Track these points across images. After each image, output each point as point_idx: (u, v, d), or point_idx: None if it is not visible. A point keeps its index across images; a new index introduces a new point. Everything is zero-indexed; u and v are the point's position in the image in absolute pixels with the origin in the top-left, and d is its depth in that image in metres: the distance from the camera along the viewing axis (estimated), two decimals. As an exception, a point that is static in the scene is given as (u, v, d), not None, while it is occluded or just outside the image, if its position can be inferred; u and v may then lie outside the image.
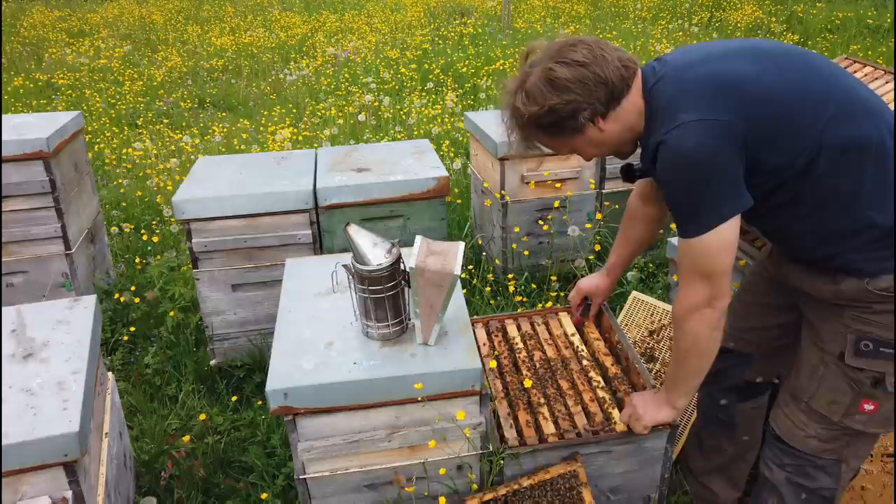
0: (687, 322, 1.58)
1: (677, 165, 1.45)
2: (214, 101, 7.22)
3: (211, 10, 12.39)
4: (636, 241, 2.05)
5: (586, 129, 1.56)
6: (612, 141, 1.60)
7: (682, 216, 1.51)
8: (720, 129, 1.41)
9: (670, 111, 1.46)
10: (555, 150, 1.69)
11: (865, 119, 1.45)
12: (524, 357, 2.13)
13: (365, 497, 1.83)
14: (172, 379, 2.84)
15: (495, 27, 9.86)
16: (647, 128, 1.56)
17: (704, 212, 1.46)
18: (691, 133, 1.42)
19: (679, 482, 2.21)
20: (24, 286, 3.04)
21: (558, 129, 1.57)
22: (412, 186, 2.76)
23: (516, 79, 1.59)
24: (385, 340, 1.79)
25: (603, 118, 1.54)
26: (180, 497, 2.23)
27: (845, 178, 1.44)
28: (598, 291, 2.19)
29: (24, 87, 7.39)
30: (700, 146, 1.41)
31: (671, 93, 1.49)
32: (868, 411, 1.56)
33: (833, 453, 1.65)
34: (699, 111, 1.42)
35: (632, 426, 1.81)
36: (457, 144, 5.34)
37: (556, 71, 1.50)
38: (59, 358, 1.80)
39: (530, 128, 1.59)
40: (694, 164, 1.42)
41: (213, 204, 2.64)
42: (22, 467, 1.54)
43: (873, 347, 1.51)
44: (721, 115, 1.41)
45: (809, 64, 1.51)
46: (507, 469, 1.82)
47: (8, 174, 2.86)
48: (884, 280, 1.47)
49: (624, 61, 1.52)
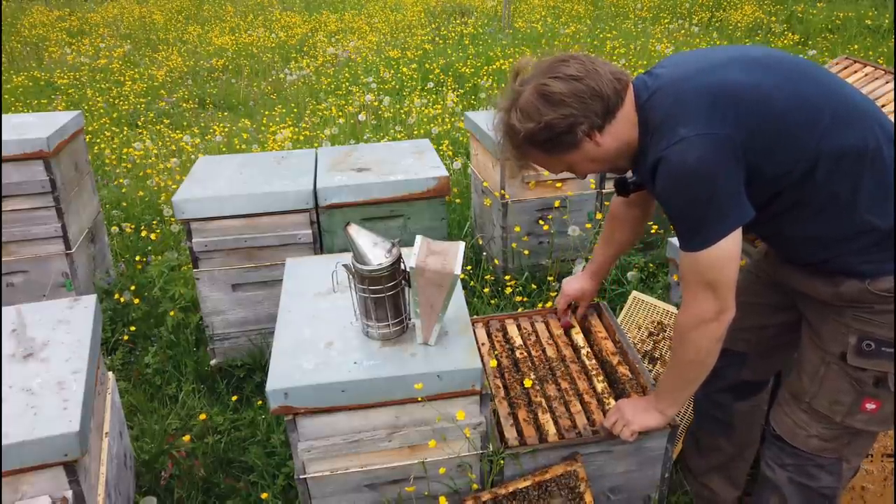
0: (691, 334, 1.58)
1: (679, 182, 1.45)
2: (215, 100, 7.22)
3: (211, 10, 12.39)
4: (620, 242, 2.06)
5: (583, 144, 1.54)
6: (608, 156, 1.59)
7: (685, 231, 1.51)
8: (720, 143, 1.41)
9: (668, 126, 1.46)
10: (550, 168, 1.66)
11: (861, 125, 1.46)
12: (524, 357, 2.13)
13: (365, 497, 1.83)
14: (172, 379, 2.84)
15: (495, 27, 9.86)
16: (641, 142, 1.56)
17: (707, 226, 1.45)
18: (692, 148, 1.41)
19: (679, 482, 2.21)
20: (25, 286, 3.04)
21: (554, 146, 1.55)
22: (412, 186, 2.76)
23: (507, 98, 1.57)
24: (385, 340, 1.79)
25: (599, 132, 1.53)
26: (180, 497, 2.23)
27: (844, 184, 1.45)
28: (584, 295, 2.20)
29: (24, 86, 7.39)
30: (701, 161, 1.41)
31: (667, 107, 1.48)
32: (870, 410, 1.56)
33: (834, 452, 1.65)
34: (698, 126, 1.42)
35: (618, 432, 1.80)
36: (457, 144, 5.34)
37: (550, 86, 1.49)
38: (59, 358, 1.80)
39: (525, 146, 1.57)
40: (696, 179, 1.42)
41: (214, 204, 2.64)
42: (22, 467, 1.54)
43: (875, 347, 1.51)
44: (720, 129, 1.41)
45: (803, 72, 1.51)
46: (508, 469, 1.82)
47: (8, 174, 2.86)
48: (885, 281, 1.48)
49: (616, 74, 1.52)
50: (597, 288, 2.20)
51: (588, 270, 2.17)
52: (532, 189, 3.28)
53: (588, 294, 2.20)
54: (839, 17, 9.60)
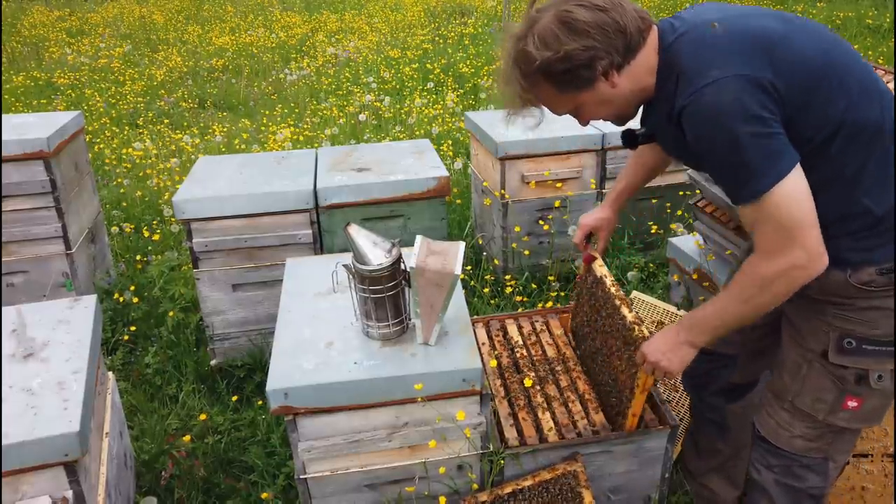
0: (777, 282, 1.39)
1: (717, 123, 1.31)
2: (215, 100, 7.22)
3: (211, 10, 12.40)
4: (649, 166, 1.90)
5: (597, 83, 1.43)
6: (620, 100, 1.47)
7: (737, 181, 1.36)
8: (759, 84, 1.30)
9: (699, 69, 1.34)
10: (555, 107, 1.51)
11: (880, 103, 1.41)
12: (524, 357, 2.13)
13: (365, 497, 1.83)
14: (173, 379, 2.84)
15: (495, 27, 9.86)
16: (660, 89, 1.45)
17: (760, 169, 1.31)
18: (727, 88, 1.30)
19: (679, 482, 2.21)
20: (25, 286, 3.04)
21: (568, 82, 1.43)
22: (412, 186, 2.76)
23: (523, 24, 1.44)
24: (385, 340, 1.79)
25: (618, 71, 1.42)
26: (180, 497, 2.23)
27: (853, 161, 1.40)
28: (604, 224, 2.02)
29: (25, 85, 7.39)
30: (738, 100, 1.29)
31: (698, 49, 1.37)
32: (852, 408, 1.55)
33: (819, 452, 1.64)
34: (734, 67, 1.31)
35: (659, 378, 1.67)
36: (457, 144, 5.34)
37: (574, 13, 1.37)
38: (59, 358, 1.80)
39: (536, 78, 1.44)
40: (735, 117, 1.29)
41: (214, 204, 2.64)
42: (22, 467, 1.54)
43: (856, 345, 1.50)
44: (759, 72, 1.31)
45: (833, 38, 1.44)
46: (508, 469, 1.82)
47: (8, 174, 2.86)
48: (865, 273, 1.46)
49: (640, 13, 1.42)
50: (616, 217, 2.02)
51: (607, 199, 2.01)
52: (532, 189, 3.29)
53: (607, 223, 2.02)
54: (839, 16, 9.60)
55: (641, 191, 2.12)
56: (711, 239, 2.64)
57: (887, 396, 1.56)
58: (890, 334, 1.48)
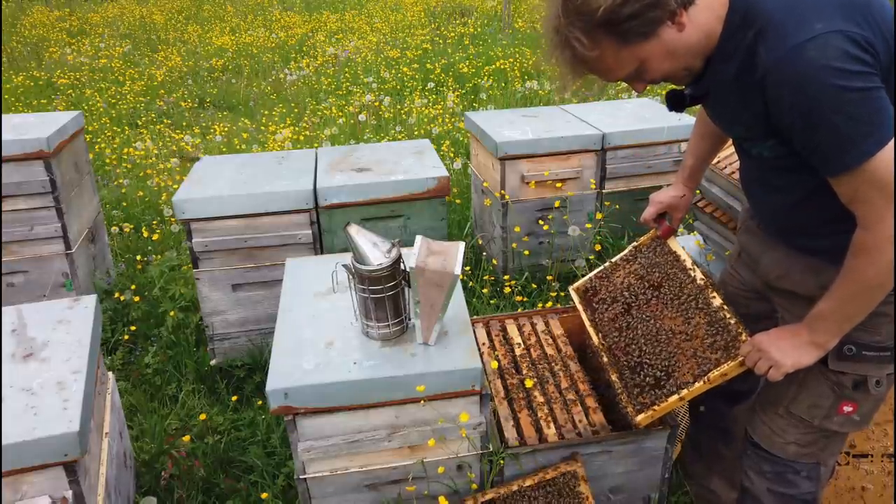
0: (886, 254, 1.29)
1: (823, 83, 1.19)
2: (215, 100, 7.22)
3: (211, 10, 12.39)
4: (715, 137, 1.79)
5: (664, 30, 1.29)
6: (688, 48, 1.34)
7: (841, 146, 1.24)
8: (862, 44, 1.20)
9: (796, 21, 1.22)
10: (617, 68, 1.36)
11: None
12: (524, 357, 2.13)
13: (365, 497, 1.83)
14: (172, 379, 2.84)
15: (495, 27, 9.86)
16: (726, 40, 1.33)
17: (865, 130, 1.21)
18: (834, 43, 1.18)
19: (679, 482, 2.21)
20: (25, 286, 3.04)
21: (634, 29, 1.28)
22: (412, 186, 2.76)
23: None
24: (385, 340, 1.79)
25: (685, 9, 1.28)
26: (180, 497, 2.23)
27: None
28: (679, 203, 1.87)
29: (25, 85, 7.38)
30: (846, 56, 1.18)
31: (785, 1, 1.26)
32: (847, 413, 1.55)
33: (811, 457, 1.63)
34: (837, 21, 1.20)
35: (762, 372, 1.50)
36: (457, 144, 5.34)
37: None
38: (59, 358, 1.80)
39: (599, 31, 1.29)
40: (844, 76, 1.18)
41: (214, 204, 2.64)
42: (22, 467, 1.54)
43: (857, 351, 1.48)
44: (860, 31, 1.20)
45: None
46: (508, 469, 1.82)
47: (8, 174, 2.86)
48: None
49: None
50: (692, 195, 1.89)
51: (679, 177, 1.88)
52: (532, 189, 3.29)
53: (684, 203, 1.88)
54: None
55: (641, 191, 2.11)
56: (711, 239, 2.64)
57: (881, 401, 1.56)
58: (890, 339, 1.47)
